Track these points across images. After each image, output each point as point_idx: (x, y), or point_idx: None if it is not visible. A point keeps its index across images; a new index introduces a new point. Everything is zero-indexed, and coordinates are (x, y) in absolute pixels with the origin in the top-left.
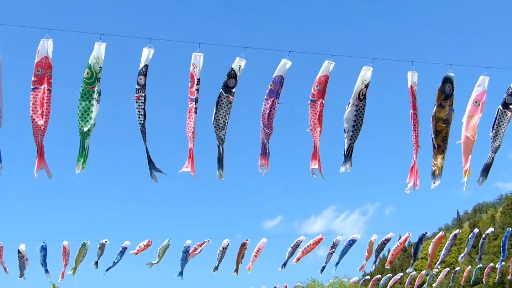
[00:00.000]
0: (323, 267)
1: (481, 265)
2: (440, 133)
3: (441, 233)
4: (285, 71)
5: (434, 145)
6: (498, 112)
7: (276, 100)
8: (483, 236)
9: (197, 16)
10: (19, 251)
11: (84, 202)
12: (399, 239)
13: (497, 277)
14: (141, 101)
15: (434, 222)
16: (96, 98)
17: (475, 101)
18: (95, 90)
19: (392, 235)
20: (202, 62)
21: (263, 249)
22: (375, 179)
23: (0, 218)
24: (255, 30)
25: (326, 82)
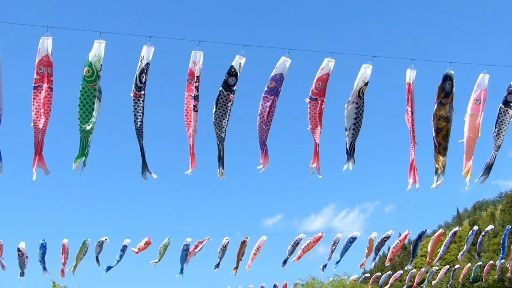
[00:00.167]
0: (325, 265)
1: (480, 262)
2: (440, 131)
3: (440, 230)
4: (285, 69)
5: (435, 143)
6: (499, 110)
7: (276, 98)
8: (482, 233)
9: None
10: (19, 249)
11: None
12: (399, 236)
13: (497, 274)
14: (142, 99)
15: (434, 220)
16: (98, 96)
17: (476, 99)
18: (96, 88)
19: (392, 233)
20: (202, 60)
21: (262, 246)
22: (375, 177)
23: (0, 216)
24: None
25: (327, 80)
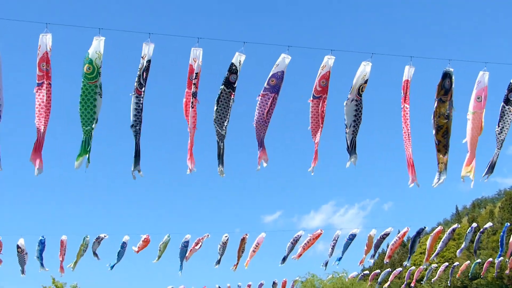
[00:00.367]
0: (326, 262)
1: (479, 260)
2: (440, 129)
3: (439, 227)
4: (285, 66)
5: (435, 141)
6: (502, 109)
7: (276, 96)
8: (481, 230)
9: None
10: (18, 246)
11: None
12: (398, 234)
13: (496, 272)
14: (142, 96)
15: (433, 217)
16: (99, 93)
17: (477, 97)
18: (97, 84)
19: (391, 230)
20: (201, 57)
21: (261, 243)
22: (374, 174)
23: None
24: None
25: (329, 77)
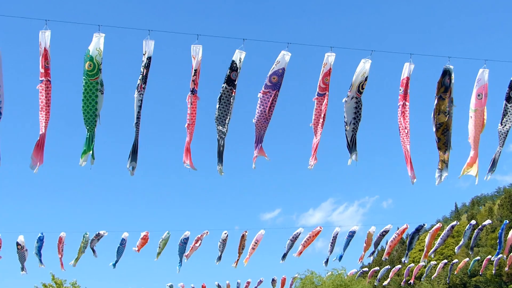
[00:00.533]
0: (327, 259)
1: (479, 257)
2: (441, 126)
3: (438, 224)
4: (286, 63)
5: (435, 139)
6: (504, 107)
7: (278, 93)
8: (479, 226)
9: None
10: (18, 243)
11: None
12: (397, 231)
13: (494, 269)
14: (142, 92)
15: (432, 214)
16: (100, 89)
17: (478, 95)
18: (98, 81)
19: (390, 227)
20: (201, 53)
21: (261, 241)
22: (374, 172)
23: None
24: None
25: (330, 74)
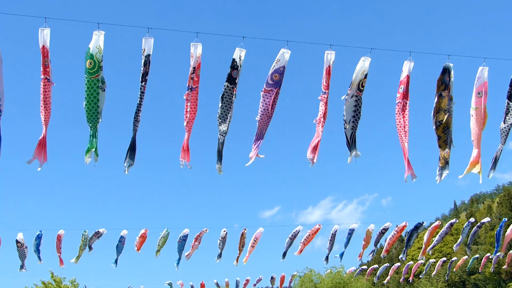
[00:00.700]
0: (327, 256)
1: (478, 255)
2: (441, 124)
3: (437, 222)
4: (286, 61)
5: (436, 137)
6: (506, 105)
7: (279, 91)
8: (478, 224)
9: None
10: (17, 241)
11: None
12: (396, 228)
13: (493, 267)
14: (142, 90)
15: (431, 212)
16: (101, 87)
17: (478, 93)
18: (99, 79)
19: (390, 225)
20: (201, 52)
21: (259, 238)
22: (373, 169)
23: None
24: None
25: (329, 73)
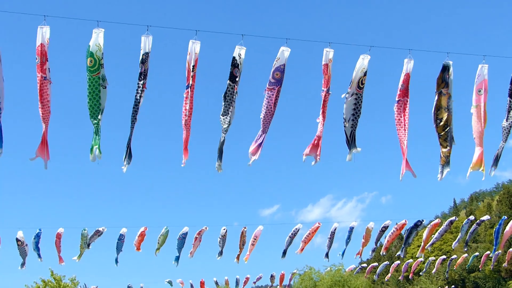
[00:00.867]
0: (327, 253)
1: (477, 253)
2: (441, 121)
3: (437, 220)
4: (285, 59)
5: (437, 135)
6: (508, 103)
7: (280, 88)
8: (477, 221)
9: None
10: (17, 239)
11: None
12: (395, 226)
13: (492, 265)
14: (140, 88)
15: (431, 210)
16: (102, 84)
17: (479, 90)
18: (100, 76)
19: (390, 223)
20: (199, 49)
21: (259, 236)
22: (373, 167)
23: None
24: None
25: (327, 71)
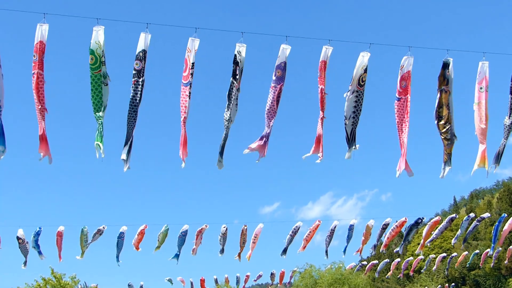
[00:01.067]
0: (326, 250)
1: (478, 250)
2: (442, 119)
3: (437, 217)
4: (285, 56)
5: (439, 132)
6: (510, 100)
7: (282, 86)
8: (478, 219)
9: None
10: (18, 237)
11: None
12: (396, 223)
13: (493, 262)
14: (137, 86)
15: (431, 208)
16: (104, 82)
17: (480, 88)
18: (101, 74)
19: (390, 221)
20: (198, 46)
21: (260, 234)
22: (373, 165)
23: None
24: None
25: (325, 68)
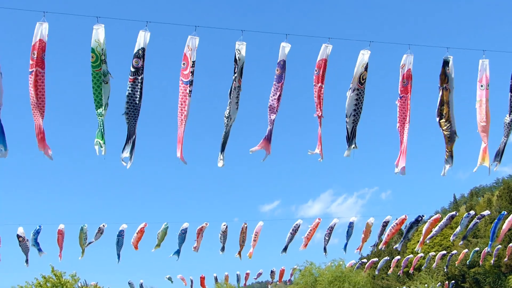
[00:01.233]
0: (324, 247)
1: (478, 248)
2: (443, 116)
3: (437, 215)
4: (285, 54)
5: (441, 130)
6: (510, 98)
7: (283, 84)
8: (478, 216)
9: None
10: (18, 236)
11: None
12: (396, 221)
13: (493, 260)
14: (136, 84)
15: (431, 205)
16: (104, 80)
17: (481, 85)
18: (102, 72)
19: (390, 218)
20: (197, 45)
21: (260, 232)
22: (373, 163)
23: None
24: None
25: (325, 66)
